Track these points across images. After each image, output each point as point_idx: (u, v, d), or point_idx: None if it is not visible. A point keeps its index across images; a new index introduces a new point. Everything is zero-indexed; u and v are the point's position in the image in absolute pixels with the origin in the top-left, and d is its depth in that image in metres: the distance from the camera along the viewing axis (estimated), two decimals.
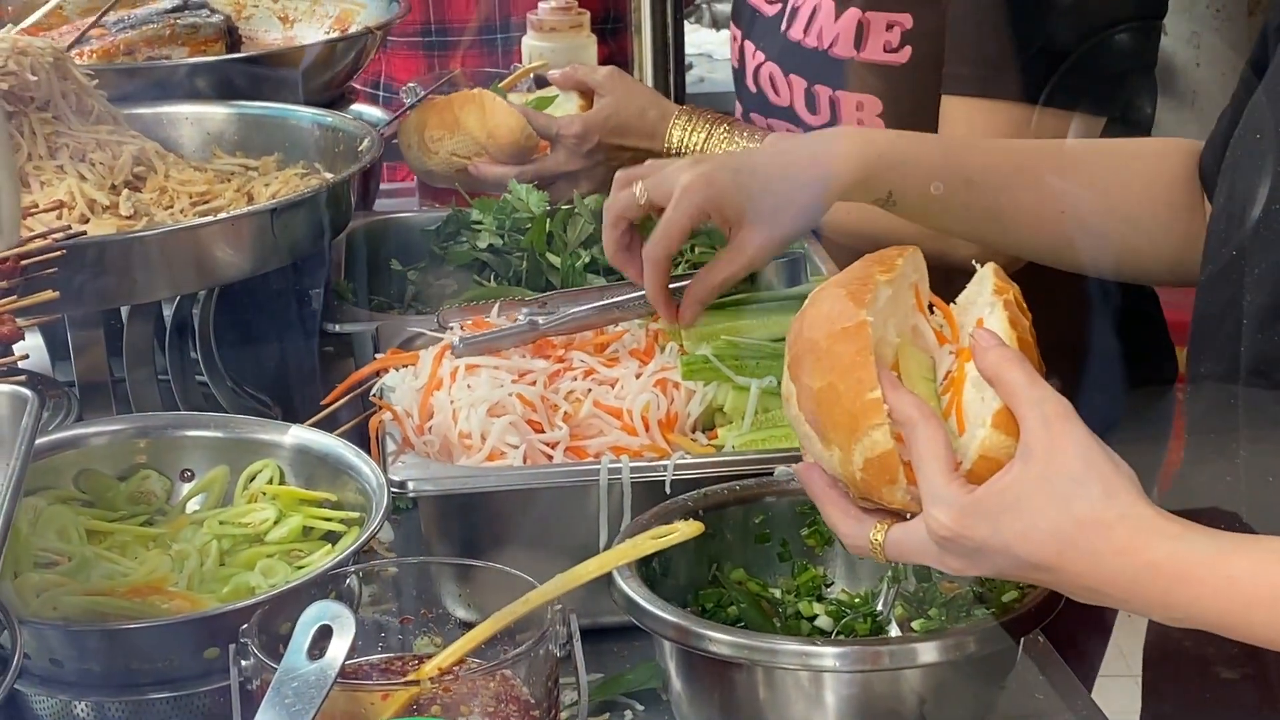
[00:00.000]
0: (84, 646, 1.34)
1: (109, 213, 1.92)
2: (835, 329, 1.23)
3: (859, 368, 1.21)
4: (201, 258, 1.80)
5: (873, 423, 1.20)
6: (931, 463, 1.18)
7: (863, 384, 1.20)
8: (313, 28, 2.68)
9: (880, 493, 1.22)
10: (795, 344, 1.27)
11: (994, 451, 1.18)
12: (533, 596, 1.29)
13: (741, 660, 1.32)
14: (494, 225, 2.11)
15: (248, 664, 1.25)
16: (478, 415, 1.61)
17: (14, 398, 1.31)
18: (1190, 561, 1.11)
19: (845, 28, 2.05)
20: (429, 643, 1.37)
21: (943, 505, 1.17)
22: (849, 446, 1.21)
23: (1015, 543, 1.15)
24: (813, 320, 1.26)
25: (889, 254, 1.30)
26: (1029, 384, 1.17)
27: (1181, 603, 1.12)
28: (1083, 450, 1.14)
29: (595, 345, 1.74)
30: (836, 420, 1.22)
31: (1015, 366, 1.18)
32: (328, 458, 1.56)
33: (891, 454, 1.20)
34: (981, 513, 1.16)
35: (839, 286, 1.27)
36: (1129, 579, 1.13)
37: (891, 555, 1.24)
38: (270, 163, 2.13)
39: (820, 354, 1.23)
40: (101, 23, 2.47)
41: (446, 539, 1.57)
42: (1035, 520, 1.14)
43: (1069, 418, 1.16)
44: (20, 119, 1.97)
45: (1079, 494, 1.13)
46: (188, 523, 1.55)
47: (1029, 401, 1.16)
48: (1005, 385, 1.18)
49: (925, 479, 1.18)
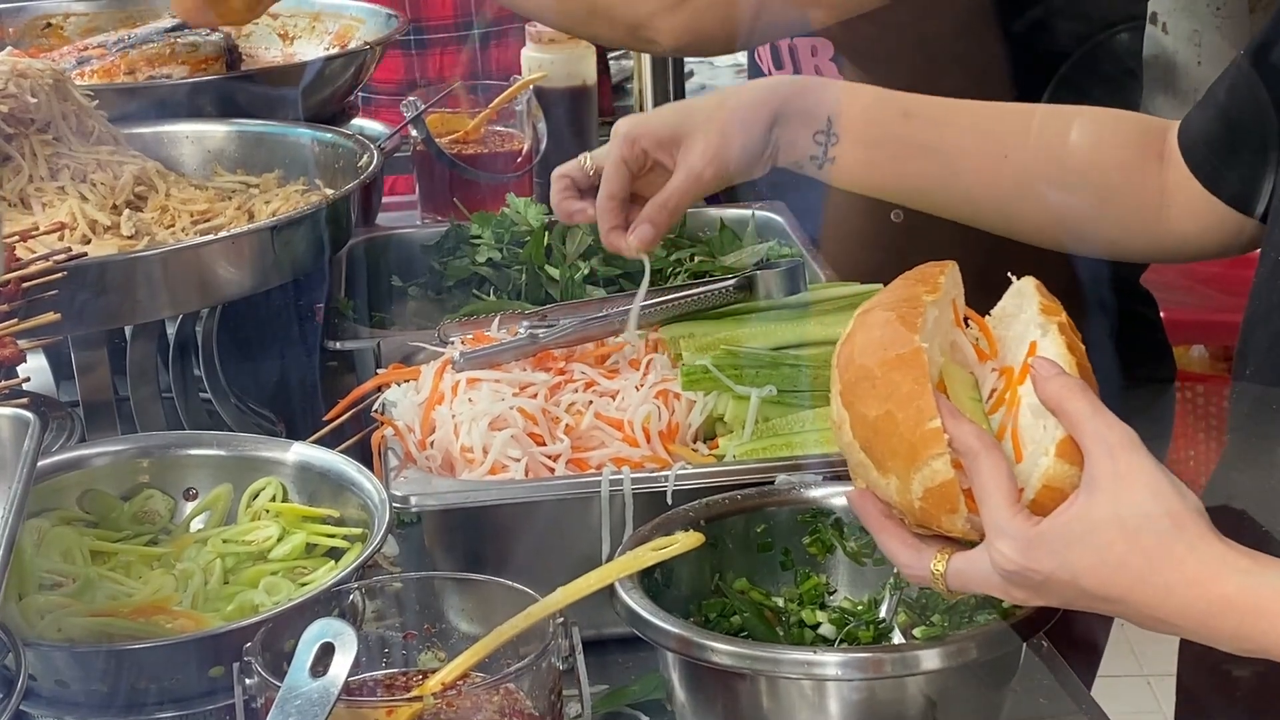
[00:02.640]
0: (89, 667, 1.34)
1: (110, 233, 1.93)
2: (890, 356, 1.22)
3: (917, 396, 1.19)
4: (203, 276, 1.81)
5: (933, 452, 1.19)
6: (995, 494, 1.17)
7: (922, 413, 1.19)
8: (312, 44, 2.69)
9: (940, 521, 1.21)
10: (847, 370, 1.25)
11: (1058, 481, 1.17)
12: (535, 610, 1.30)
13: (744, 670, 1.32)
14: (493, 239, 2.12)
15: (252, 682, 1.25)
16: (479, 429, 1.62)
17: (16, 420, 1.32)
18: (1262, 594, 1.11)
19: None
20: (433, 657, 1.38)
21: (1008, 539, 1.16)
22: (907, 475, 1.20)
23: (1083, 575, 1.14)
24: (864, 346, 1.24)
25: (930, 271, 1.30)
26: (1093, 414, 1.16)
27: (1254, 635, 1.12)
28: (1150, 481, 1.14)
29: (596, 357, 1.74)
30: (894, 449, 1.21)
31: (1079, 396, 1.16)
32: (330, 474, 1.56)
33: (952, 483, 1.19)
34: (1047, 546, 1.15)
35: (888, 310, 1.26)
36: (1200, 612, 1.12)
37: (954, 586, 1.23)
38: (271, 180, 2.14)
39: (875, 381, 1.22)
40: (102, 43, 2.48)
41: (450, 553, 1.57)
42: (1103, 554, 1.13)
43: (1135, 448, 1.15)
44: (21, 140, 1.98)
45: (1147, 526, 1.13)
46: (191, 541, 1.55)
47: (1093, 433, 1.15)
48: (1069, 415, 1.16)
49: (989, 511, 1.17)
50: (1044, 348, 1.23)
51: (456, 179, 2.47)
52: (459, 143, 2.53)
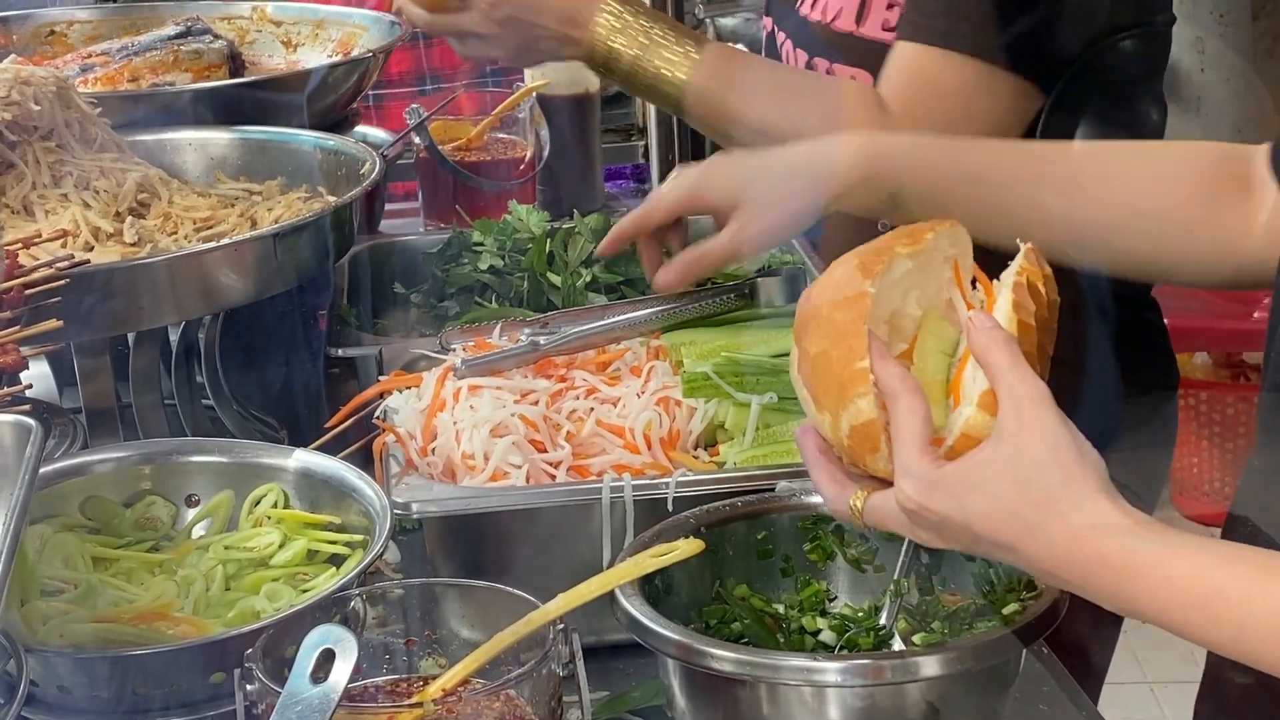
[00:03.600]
0: (91, 673, 1.35)
1: (113, 240, 1.93)
2: (838, 297, 1.26)
3: (851, 336, 1.23)
4: (206, 283, 1.81)
5: (859, 391, 1.23)
6: (907, 435, 1.21)
7: (853, 352, 1.23)
8: (315, 52, 2.69)
9: (864, 460, 1.25)
10: (802, 308, 1.30)
11: (976, 430, 1.20)
12: (535, 616, 1.30)
13: (745, 676, 1.32)
14: (495, 246, 2.12)
15: (253, 688, 1.26)
16: (480, 436, 1.62)
17: (18, 427, 1.32)
18: (1135, 557, 1.14)
19: (849, 2, 2.04)
20: (433, 663, 1.38)
21: (911, 478, 1.20)
22: (838, 413, 1.25)
23: (975, 521, 1.18)
24: (822, 287, 1.29)
25: (920, 228, 1.31)
26: (1010, 367, 1.19)
27: (1127, 594, 1.15)
28: (1050, 436, 1.17)
29: (597, 364, 1.74)
30: (827, 386, 1.25)
31: (1000, 347, 1.20)
32: (331, 481, 1.57)
33: (875, 423, 1.23)
34: (946, 489, 1.19)
35: (855, 256, 1.29)
36: (1080, 567, 1.16)
37: (869, 522, 1.28)
38: (274, 187, 2.14)
39: (820, 320, 1.27)
40: (105, 50, 2.48)
41: (451, 559, 1.57)
42: (997, 500, 1.17)
43: (1042, 403, 1.18)
44: (24, 148, 1.98)
45: (1040, 478, 1.16)
46: (193, 548, 1.56)
47: (1007, 385, 1.18)
48: (989, 367, 1.20)
49: (899, 451, 1.21)
50: (997, 305, 1.26)
51: (459, 186, 2.48)
52: (462, 150, 2.53)
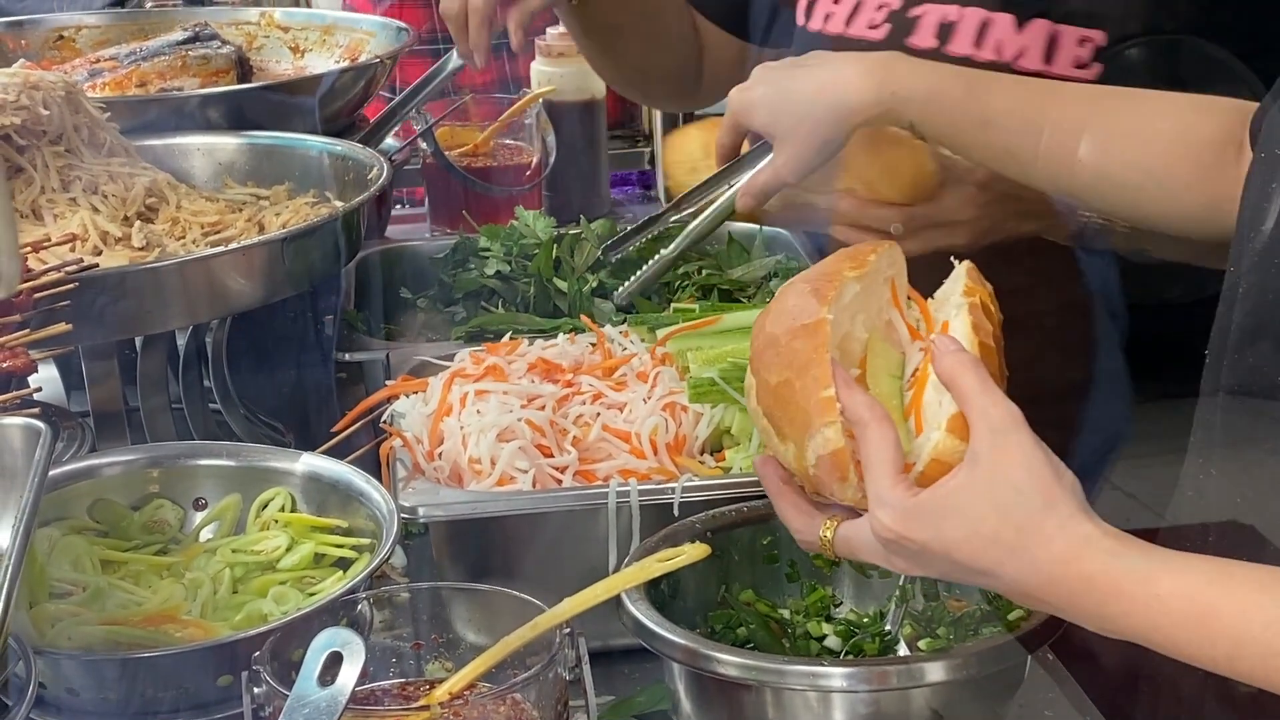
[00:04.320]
0: (99, 675, 1.35)
1: (122, 244, 1.93)
2: (795, 325, 1.25)
3: (815, 365, 1.23)
4: (213, 288, 1.82)
5: (825, 420, 1.22)
6: (879, 465, 1.20)
7: (818, 381, 1.22)
8: (323, 57, 2.70)
9: (832, 489, 1.25)
10: (758, 338, 1.29)
11: (946, 455, 1.20)
12: (541, 620, 1.30)
13: (750, 681, 1.32)
14: (501, 252, 2.12)
15: (260, 691, 1.26)
16: (487, 440, 1.62)
17: (27, 430, 1.33)
18: (1122, 577, 1.13)
19: (1033, 40, 1.88)
20: (440, 667, 1.38)
21: (887, 508, 1.19)
22: (803, 442, 1.24)
23: (955, 548, 1.17)
24: (776, 315, 1.28)
25: (862, 249, 1.32)
26: (980, 390, 1.18)
27: (1113, 615, 1.14)
28: (1026, 459, 1.16)
29: (603, 369, 1.75)
30: (792, 416, 1.24)
31: (969, 371, 1.19)
32: (339, 485, 1.57)
33: (843, 452, 1.22)
34: (924, 516, 1.18)
35: (805, 282, 1.29)
36: (1066, 590, 1.15)
37: (840, 552, 1.27)
38: (281, 192, 2.14)
39: (779, 349, 1.26)
40: (114, 55, 2.49)
41: (457, 563, 1.58)
42: (976, 526, 1.16)
43: (1016, 427, 1.17)
44: (33, 152, 1.99)
45: (1020, 502, 1.15)
46: (201, 551, 1.56)
47: (979, 409, 1.18)
48: (959, 390, 1.19)
49: (872, 480, 1.20)
50: (954, 327, 1.26)
51: (467, 191, 2.48)
52: (469, 156, 2.54)
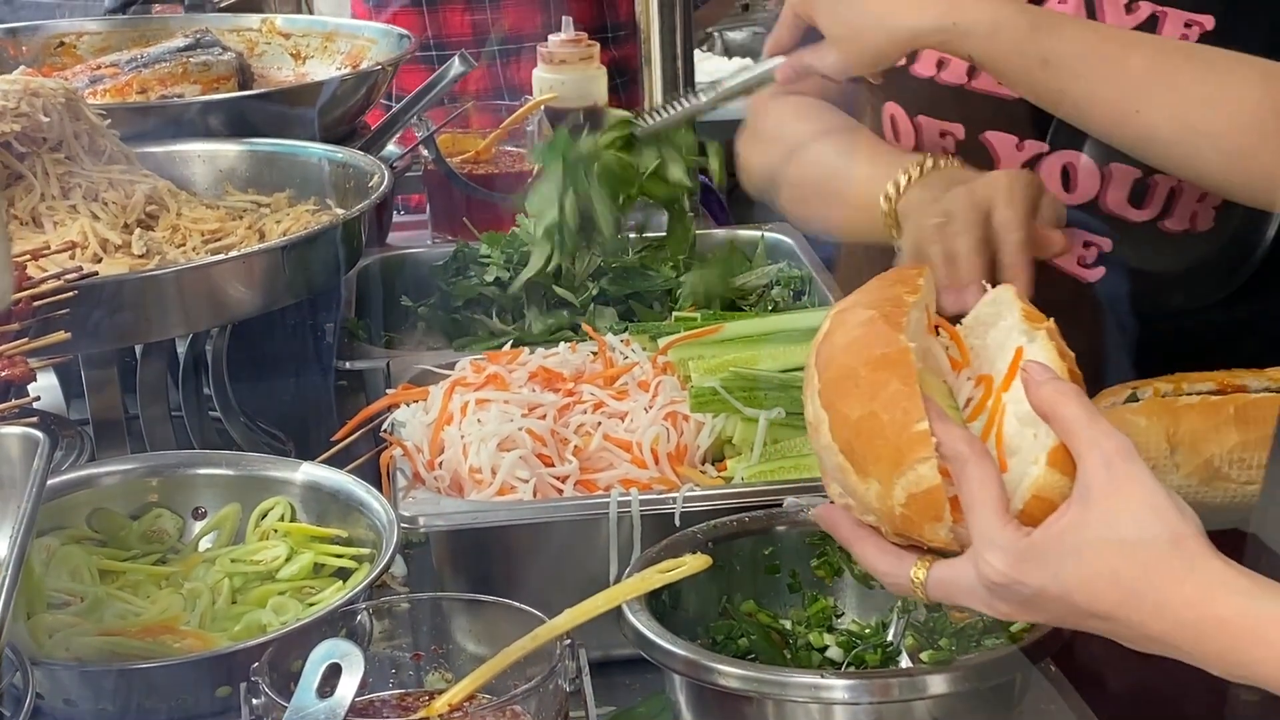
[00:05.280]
0: (97, 686, 1.35)
1: (121, 252, 1.93)
2: (875, 355, 1.17)
3: (905, 398, 1.14)
4: (214, 295, 1.82)
5: (919, 456, 1.13)
6: (985, 503, 1.12)
7: (909, 415, 1.14)
8: (324, 65, 2.70)
9: (922, 530, 1.16)
10: (828, 369, 1.20)
11: (1048, 491, 1.12)
12: (542, 631, 1.30)
13: (752, 693, 1.32)
14: (501, 259, 2.12)
15: (259, 702, 1.25)
16: (488, 450, 1.62)
17: (25, 439, 1.32)
18: (1261, 618, 1.06)
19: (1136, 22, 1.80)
20: (440, 678, 1.38)
21: (997, 550, 1.11)
22: (890, 480, 1.15)
23: (1075, 590, 1.09)
24: (846, 345, 1.20)
25: (908, 273, 1.26)
26: (1089, 420, 1.10)
27: (1247, 661, 1.07)
28: (1147, 493, 1.09)
29: (605, 378, 1.74)
30: (878, 452, 1.15)
31: (1073, 401, 1.11)
32: (338, 494, 1.57)
33: (938, 490, 1.14)
34: (1038, 558, 1.10)
35: (869, 309, 1.21)
36: (1194, 633, 1.07)
37: (935, 596, 1.18)
38: (282, 199, 2.14)
39: (859, 380, 1.17)
40: (114, 62, 2.49)
41: (458, 573, 1.57)
42: (1096, 566, 1.08)
43: (1131, 458, 1.10)
44: (33, 159, 1.99)
45: (1143, 540, 1.08)
46: (200, 561, 1.56)
47: (1089, 440, 1.10)
48: (1062, 421, 1.11)
49: (978, 520, 1.12)
50: (1032, 354, 1.18)
51: (468, 199, 2.48)
52: (470, 163, 2.54)
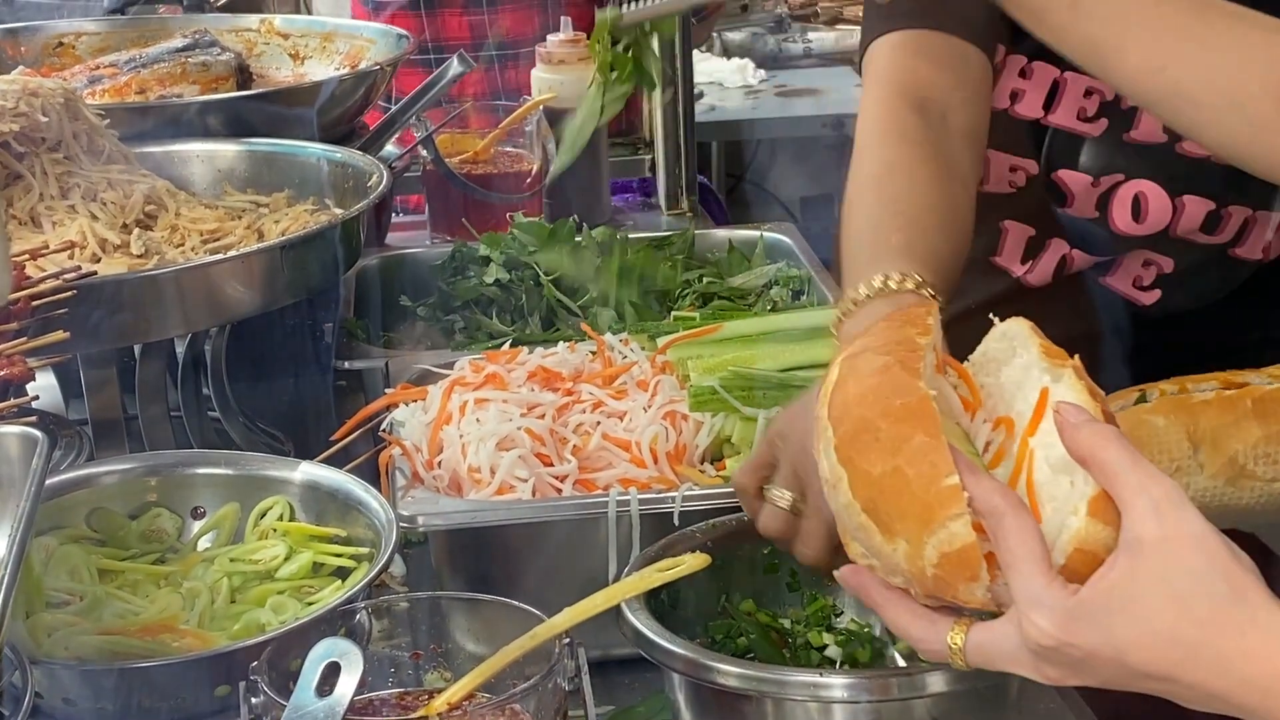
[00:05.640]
0: (96, 685, 1.35)
1: (120, 252, 1.93)
2: (894, 405, 1.10)
3: (930, 450, 1.07)
4: (212, 295, 1.82)
5: (950, 513, 1.06)
6: (1026, 559, 1.04)
7: (936, 469, 1.07)
8: (323, 65, 2.70)
9: (956, 591, 1.09)
10: (843, 422, 1.12)
11: (1091, 544, 1.04)
12: (541, 630, 1.30)
13: (751, 692, 1.32)
14: (501, 259, 2.12)
15: (258, 701, 1.25)
16: (487, 449, 1.62)
17: (24, 439, 1.32)
18: None
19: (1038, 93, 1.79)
20: (439, 677, 1.38)
21: (1044, 610, 1.04)
22: (920, 539, 1.08)
23: (1129, 650, 1.02)
24: (861, 395, 1.12)
25: (917, 313, 1.20)
26: (1132, 464, 1.03)
27: None
28: (1200, 541, 1.01)
29: (604, 378, 1.74)
30: (904, 509, 1.08)
31: (1115, 444, 1.04)
32: (337, 494, 1.57)
33: (973, 548, 1.06)
34: (1089, 617, 1.03)
35: (881, 354, 1.14)
36: (1261, 689, 1.00)
37: (975, 662, 1.11)
38: (281, 199, 2.14)
39: (879, 434, 1.10)
40: (113, 62, 2.49)
41: (457, 573, 1.57)
42: (1153, 624, 1.01)
43: (1182, 503, 1.02)
44: (32, 159, 1.99)
45: (1201, 592, 1.00)
46: (199, 560, 1.56)
47: (1135, 486, 1.03)
48: (1103, 466, 1.04)
49: (1020, 578, 1.05)
50: (1060, 395, 1.10)
51: (467, 199, 2.48)
52: (469, 163, 2.54)
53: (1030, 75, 1.80)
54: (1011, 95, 1.79)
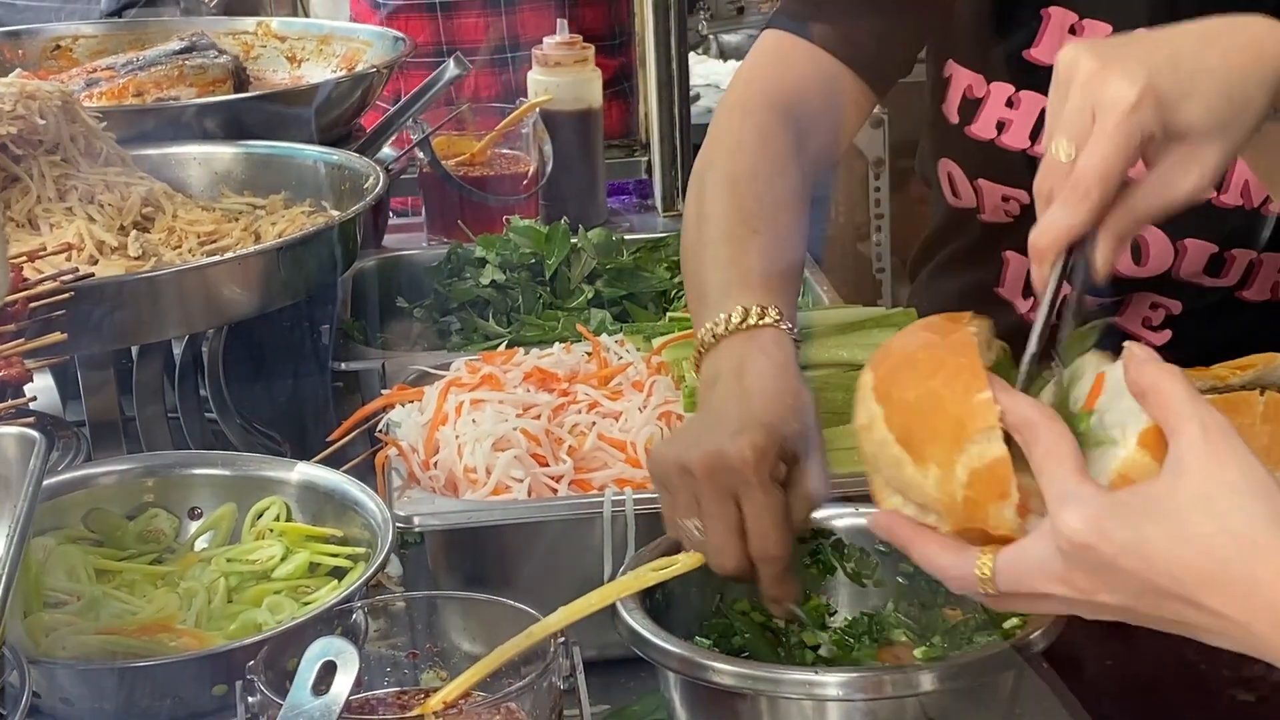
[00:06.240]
0: (93, 685, 1.35)
1: (118, 254, 1.94)
2: (934, 341, 1.12)
3: (965, 370, 1.08)
4: (209, 297, 1.82)
5: (982, 425, 1.06)
6: (1060, 462, 1.03)
7: (970, 387, 1.07)
8: (320, 67, 2.70)
9: (987, 513, 1.07)
10: (883, 364, 1.14)
11: (1135, 472, 1.04)
12: (536, 629, 1.30)
13: (746, 690, 1.32)
14: (497, 261, 2.12)
15: (254, 700, 1.26)
16: (483, 450, 1.62)
17: (22, 440, 1.33)
18: None
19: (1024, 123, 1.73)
20: (435, 676, 1.38)
21: (1076, 504, 1.01)
22: (951, 459, 1.07)
23: (1157, 555, 0.99)
24: (905, 342, 1.15)
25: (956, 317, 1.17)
26: (1189, 397, 1.02)
27: None
28: (1246, 465, 1.00)
29: (599, 378, 1.75)
30: (936, 429, 1.08)
31: (1175, 380, 1.03)
32: (334, 494, 1.57)
33: (1004, 462, 1.05)
34: (1123, 514, 1.00)
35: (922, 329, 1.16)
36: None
37: (1005, 586, 1.08)
38: (277, 201, 2.15)
39: (918, 364, 1.11)
40: (111, 65, 2.49)
41: (453, 572, 1.58)
42: (1184, 530, 0.99)
43: (1232, 435, 1.01)
44: (29, 162, 1.99)
45: (1240, 507, 0.98)
46: (196, 560, 1.56)
47: (1187, 415, 1.01)
48: (1160, 396, 1.03)
49: (1053, 479, 1.03)
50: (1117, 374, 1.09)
51: (463, 201, 2.48)
52: (466, 165, 2.54)
53: (1018, 105, 1.75)
54: (998, 125, 1.76)
